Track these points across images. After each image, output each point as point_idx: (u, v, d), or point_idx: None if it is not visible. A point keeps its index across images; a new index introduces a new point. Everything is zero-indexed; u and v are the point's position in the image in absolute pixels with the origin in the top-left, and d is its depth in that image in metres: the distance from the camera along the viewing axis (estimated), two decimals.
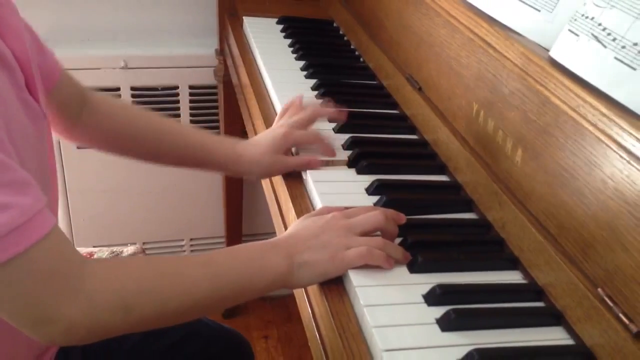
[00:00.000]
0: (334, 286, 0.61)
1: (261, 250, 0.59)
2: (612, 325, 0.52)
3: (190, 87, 1.45)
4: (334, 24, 1.25)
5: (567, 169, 0.58)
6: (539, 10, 0.60)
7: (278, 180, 0.80)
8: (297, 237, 0.60)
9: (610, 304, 0.52)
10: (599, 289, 0.54)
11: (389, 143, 0.85)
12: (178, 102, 1.45)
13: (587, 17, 0.53)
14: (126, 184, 1.49)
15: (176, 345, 0.81)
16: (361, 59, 1.10)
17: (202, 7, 1.45)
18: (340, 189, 0.73)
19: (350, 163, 0.78)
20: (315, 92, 0.96)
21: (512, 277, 0.63)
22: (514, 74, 0.64)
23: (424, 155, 0.82)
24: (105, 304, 0.50)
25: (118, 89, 1.41)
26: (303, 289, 0.66)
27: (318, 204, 0.70)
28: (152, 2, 1.44)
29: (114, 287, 0.51)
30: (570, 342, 0.55)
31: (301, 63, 1.06)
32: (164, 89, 1.44)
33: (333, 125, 0.86)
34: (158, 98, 1.45)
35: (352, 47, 1.15)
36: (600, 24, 0.52)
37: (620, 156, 0.51)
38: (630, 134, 0.48)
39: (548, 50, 0.59)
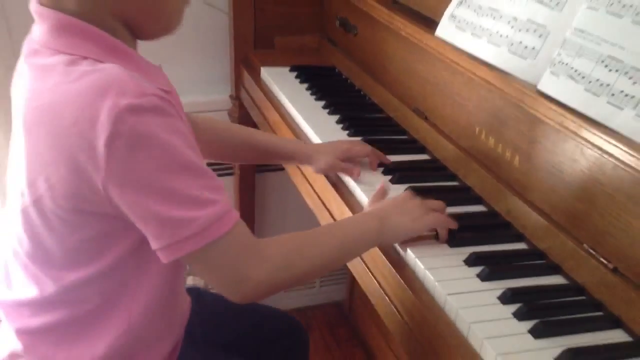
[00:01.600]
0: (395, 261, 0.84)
1: (362, 218, 0.83)
2: (596, 266, 0.77)
3: None
4: (336, 70, 1.50)
5: (554, 166, 0.84)
6: (526, 59, 0.87)
7: (328, 192, 1.03)
8: (385, 206, 0.84)
9: (593, 252, 0.78)
10: (584, 244, 0.79)
11: (410, 163, 1.09)
12: None
13: (563, 63, 0.79)
14: None
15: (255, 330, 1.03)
16: (367, 97, 1.35)
17: (216, 60, 1.69)
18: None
19: (386, 172, 1.03)
20: (340, 125, 1.21)
21: (520, 246, 0.87)
22: (511, 103, 0.90)
23: (437, 168, 1.07)
24: (277, 266, 0.72)
25: None
26: (366, 267, 0.89)
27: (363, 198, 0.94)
28: (172, 57, 1.67)
29: (281, 253, 0.73)
30: (564, 281, 0.80)
31: (321, 102, 1.30)
32: None
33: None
34: None
35: (356, 88, 1.40)
36: (572, 67, 0.78)
37: (593, 152, 0.77)
38: (599, 136, 0.74)
39: (533, 85, 0.86)
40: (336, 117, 1.23)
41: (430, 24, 1.12)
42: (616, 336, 0.72)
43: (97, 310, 0.74)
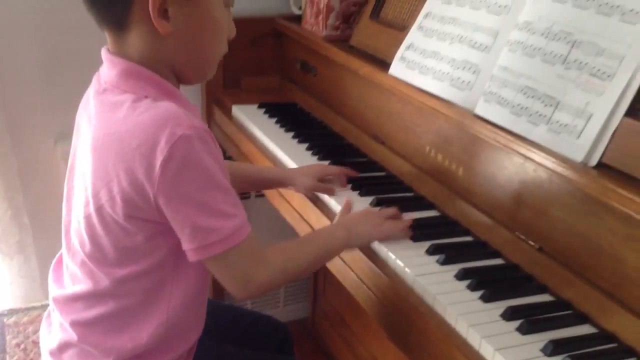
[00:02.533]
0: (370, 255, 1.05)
1: (334, 229, 1.03)
2: (527, 248, 0.99)
3: None
4: (298, 106, 1.71)
5: (490, 173, 1.06)
6: (464, 90, 1.10)
7: (309, 208, 1.23)
8: (351, 218, 1.05)
9: (524, 238, 1.00)
10: (516, 232, 1.01)
11: (373, 178, 1.30)
12: None
13: (492, 93, 1.03)
14: None
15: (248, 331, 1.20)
16: (329, 128, 1.56)
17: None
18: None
19: (354, 189, 1.23)
20: (310, 151, 1.41)
21: (467, 239, 1.09)
22: (454, 125, 1.13)
23: (395, 182, 1.28)
24: (275, 270, 0.90)
25: None
26: (345, 264, 1.09)
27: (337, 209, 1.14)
28: None
29: (279, 260, 0.91)
30: (503, 262, 1.02)
31: (291, 133, 1.50)
32: None
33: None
34: None
35: (318, 120, 1.61)
36: (500, 96, 1.01)
37: (518, 159, 1.00)
38: (522, 147, 0.97)
39: (471, 110, 1.08)
40: (306, 145, 1.44)
41: (381, 64, 1.35)
42: (544, 299, 0.94)
43: (141, 303, 0.90)
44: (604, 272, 0.89)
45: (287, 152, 1.40)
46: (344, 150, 1.43)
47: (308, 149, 1.43)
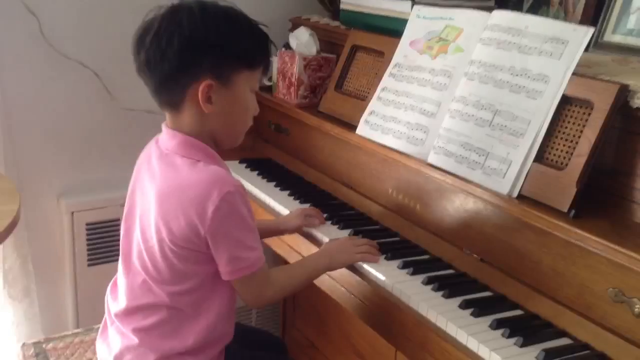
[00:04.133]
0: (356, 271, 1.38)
1: (319, 255, 1.36)
2: (472, 260, 1.35)
3: None
4: (272, 161, 2.04)
5: (442, 206, 1.43)
6: (418, 146, 1.47)
7: (299, 240, 1.55)
8: (332, 247, 1.39)
9: (468, 252, 1.36)
10: (463, 249, 1.37)
11: (346, 215, 1.64)
12: None
13: (440, 147, 1.40)
14: None
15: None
16: (303, 178, 1.90)
17: None
18: (330, 235, 1.51)
19: (333, 224, 1.57)
20: (292, 197, 1.74)
21: (426, 257, 1.44)
22: (412, 172, 1.49)
23: (365, 219, 1.63)
24: (278, 289, 1.24)
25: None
26: (336, 282, 1.41)
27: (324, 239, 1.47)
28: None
29: (280, 281, 1.25)
30: (453, 271, 1.37)
31: (273, 183, 1.83)
32: None
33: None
34: None
35: (292, 172, 1.94)
36: (446, 149, 1.39)
37: (462, 194, 1.37)
38: (465, 185, 1.35)
39: (425, 160, 1.45)
40: (287, 192, 1.77)
41: (347, 125, 1.71)
42: (486, 294, 1.29)
43: (188, 313, 1.20)
44: (527, 272, 1.25)
45: (273, 198, 1.72)
46: (320, 195, 1.77)
47: (290, 195, 1.76)
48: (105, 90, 2.05)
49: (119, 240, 2.07)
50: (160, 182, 1.18)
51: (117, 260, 2.08)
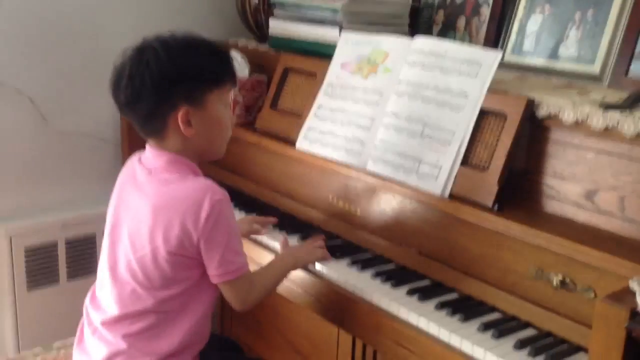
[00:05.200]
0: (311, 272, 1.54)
1: (284, 256, 1.51)
2: (417, 257, 1.54)
3: None
4: (209, 176, 2.15)
5: (382, 209, 1.61)
6: (355, 156, 1.66)
7: (250, 248, 1.68)
8: (294, 250, 1.55)
9: (406, 247, 1.55)
10: (402, 245, 1.57)
11: (291, 223, 1.79)
12: None
13: (378, 157, 1.59)
14: None
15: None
16: (243, 191, 2.03)
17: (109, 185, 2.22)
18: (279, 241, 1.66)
19: (281, 229, 1.72)
20: (236, 209, 1.87)
21: (369, 255, 1.62)
22: (352, 179, 1.67)
23: (308, 225, 1.79)
24: (260, 290, 1.37)
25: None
26: (292, 286, 1.56)
27: (277, 248, 1.61)
28: (72, 185, 2.17)
29: (261, 282, 1.38)
30: (394, 266, 1.56)
31: None
32: None
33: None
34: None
35: (229, 185, 2.06)
36: (383, 158, 1.58)
37: (401, 197, 1.56)
38: (403, 189, 1.54)
39: (364, 168, 1.64)
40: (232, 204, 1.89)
41: (285, 140, 1.87)
42: (425, 283, 1.49)
43: (174, 317, 1.30)
44: (460, 260, 1.46)
45: None
46: (262, 206, 1.91)
47: (235, 206, 1.88)
48: (40, 115, 2.08)
49: (57, 263, 2.13)
50: (154, 197, 1.28)
51: (57, 282, 2.14)
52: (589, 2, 1.68)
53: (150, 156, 1.33)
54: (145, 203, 1.29)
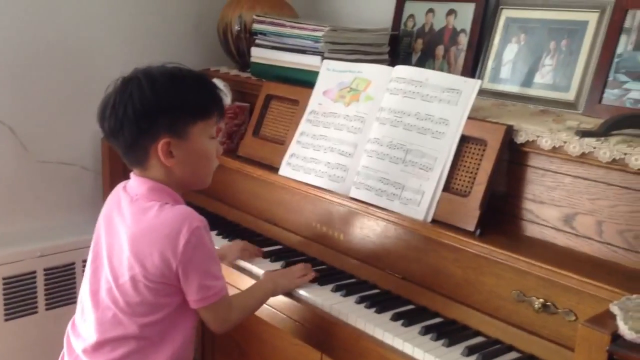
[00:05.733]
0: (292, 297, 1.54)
1: (264, 282, 1.52)
2: (395, 279, 1.56)
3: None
4: (192, 203, 2.15)
5: (365, 234, 1.63)
6: (339, 182, 1.68)
7: (236, 276, 1.68)
8: (275, 275, 1.55)
9: (391, 273, 1.57)
10: (386, 270, 1.58)
11: (275, 250, 1.80)
12: None
13: (361, 183, 1.61)
14: None
15: None
16: (224, 218, 2.03)
17: (94, 212, 2.21)
18: (265, 268, 1.66)
19: (265, 257, 1.72)
20: (220, 236, 1.87)
21: (354, 280, 1.63)
22: (334, 205, 1.69)
23: (292, 250, 1.80)
24: (239, 313, 1.37)
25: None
26: (276, 311, 1.56)
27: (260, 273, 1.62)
28: (51, 213, 2.16)
29: (240, 306, 1.39)
30: (379, 290, 1.57)
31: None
32: None
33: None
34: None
35: (212, 212, 2.07)
36: (366, 184, 1.60)
37: (383, 222, 1.58)
38: (385, 214, 1.56)
39: (347, 195, 1.65)
40: (215, 232, 1.90)
41: (268, 167, 1.89)
42: (410, 307, 1.50)
43: (156, 342, 1.30)
44: (443, 284, 1.48)
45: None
46: (245, 232, 1.92)
47: (218, 234, 1.89)
48: (21, 144, 2.08)
49: (36, 293, 2.10)
50: (131, 225, 1.29)
51: (36, 312, 2.11)
52: (562, 32, 1.73)
53: (134, 184, 1.34)
54: (124, 231, 1.30)
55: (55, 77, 2.11)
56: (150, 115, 1.27)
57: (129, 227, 1.29)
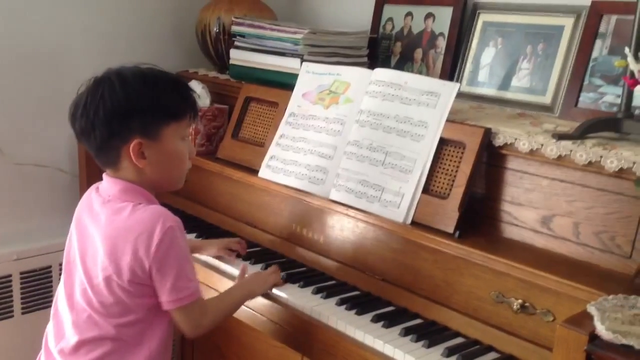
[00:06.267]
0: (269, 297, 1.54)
1: (239, 287, 1.51)
2: (375, 281, 1.57)
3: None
4: (171, 206, 2.14)
5: (345, 236, 1.64)
6: (319, 185, 1.68)
7: (214, 277, 1.68)
8: (249, 279, 1.55)
9: (370, 274, 1.57)
10: (366, 272, 1.59)
11: (254, 252, 1.80)
12: None
13: (340, 185, 1.62)
14: None
15: None
16: (204, 220, 2.02)
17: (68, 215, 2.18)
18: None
19: (245, 259, 1.72)
20: (200, 238, 1.86)
21: (332, 282, 1.63)
22: (314, 208, 1.69)
23: (271, 253, 1.79)
24: (214, 316, 1.36)
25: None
26: (257, 313, 1.56)
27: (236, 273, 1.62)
28: (30, 216, 2.13)
29: (214, 309, 1.38)
30: (359, 292, 1.58)
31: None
32: None
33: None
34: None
35: (192, 215, 2.06)
36: (345, 186, 1.61)
37: (362, 224, 1.59)
38: (364, 216, 1.57)
39: (327, 197, 1.66)
40: (194, 234, 1.89)
41: (247, 170, 1.88)
42: (390, 309, 1.51)
43: (132, 344, 1.29)
44: (423, 286, 1.49)
45: None
46: (225, 234, 1.91)
47: (197, 236, 1.88)
48: None
49: (12, 296, 2.08)
50: (105, 226, 1.28)
51: (12, 316, 2.08)
52: (539, 37, 1.76)
53: (106, 185, 1.33)
54: (97, 232, 1.29)
55: (30, 80, 2.09)
56: (121, 116, 1.27)
57: (103, 228, 1.28)
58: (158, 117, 1.30)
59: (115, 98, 1.27)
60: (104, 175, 1.34)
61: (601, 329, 0.98)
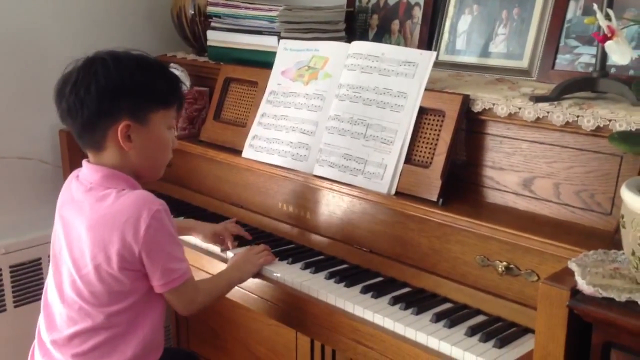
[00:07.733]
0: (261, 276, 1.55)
1: (230, 270, 1.52)
2: (362, 253, 1.58)
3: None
4: (156, 191, 2.14)
5: (331, 211, 1.65)
6: (302, 161, 1.68)
7: (205, 260, 1.69)
8: (237, 261, 1.55)
9: (358, 247, 1.59)
10: (354, 245, 1.60)
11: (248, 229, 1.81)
12: None
13: (323, 160, 1.63)
14: None
15: None
16: (190, 204, 2.03)
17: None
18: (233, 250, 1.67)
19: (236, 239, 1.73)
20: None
21: (320, 257, 1.65)
22: (299, 184, 1.70)
23: (260, 232, 1.80)
24: (206, 296, 1.38)
25: None
26: (248, 293, 1.57)
27: (230, 255, 1.63)
28: (17, 205, 2.12)
29: (207, 288, 1.39)
30: (347, 265, 1.60)
31: None
32: None
33: None
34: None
35: (178, 199, 2.06)
36: (328, 160, 1.61)
37: (348, 198, 1.60)
38: (350, 189, 1.58)
39: (311, 173, 1.66)
40: (181, 218, 1.89)
41: (231, 150, 1.88)
42: (379, 279, 1.52)
43: (125, 331, 1.30)
44: (410, 255, 1.51)
45: None
46: (212, 216, 1.92)
47: (185, 219, 1.88)
48: None
49: (3, 290, 2.08)
50: (89, 215, 1.27)
51: (4, 309, 2.08)
52: (513, 2, 1.76)
53: (87, 172, 1.33)
54: (81, 221, 1.29)
55: (5, 70, 2.07)
56: (113, 95, 1.26)
57: (87, 217, 1.28)
58: (149, 101, 1.31)
59: (108, 76, 1.26)
60: (84, 162, 1.33)
61: (582, 284, 0.99)
